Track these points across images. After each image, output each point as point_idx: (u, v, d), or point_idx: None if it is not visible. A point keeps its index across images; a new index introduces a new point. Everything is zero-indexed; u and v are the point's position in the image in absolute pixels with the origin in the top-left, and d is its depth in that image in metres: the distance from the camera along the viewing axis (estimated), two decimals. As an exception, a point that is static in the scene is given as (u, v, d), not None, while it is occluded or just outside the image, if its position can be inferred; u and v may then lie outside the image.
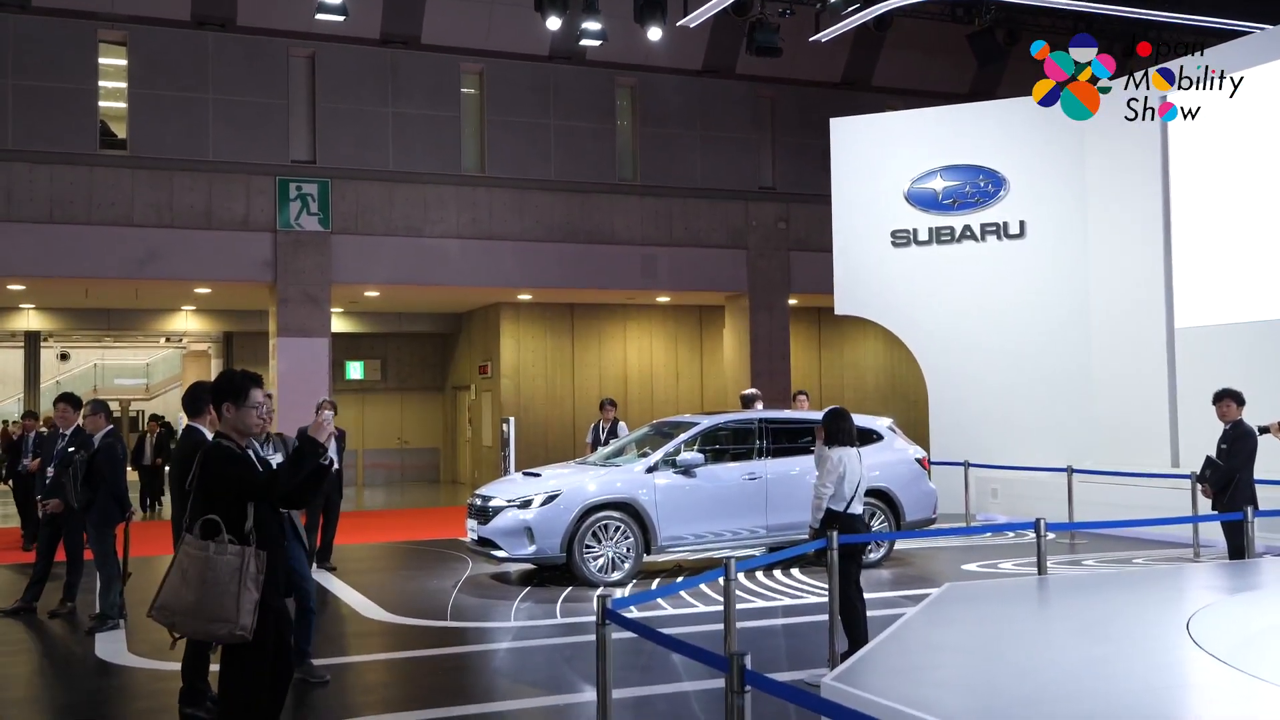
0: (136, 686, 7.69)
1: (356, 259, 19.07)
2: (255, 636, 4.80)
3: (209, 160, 18.29)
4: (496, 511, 11.15)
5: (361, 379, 25.22)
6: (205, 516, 4.86)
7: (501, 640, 8.93)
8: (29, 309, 23.19)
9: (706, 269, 21.18)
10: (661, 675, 7.46)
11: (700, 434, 11.80)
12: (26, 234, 17.37)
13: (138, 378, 36.91)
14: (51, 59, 17.58)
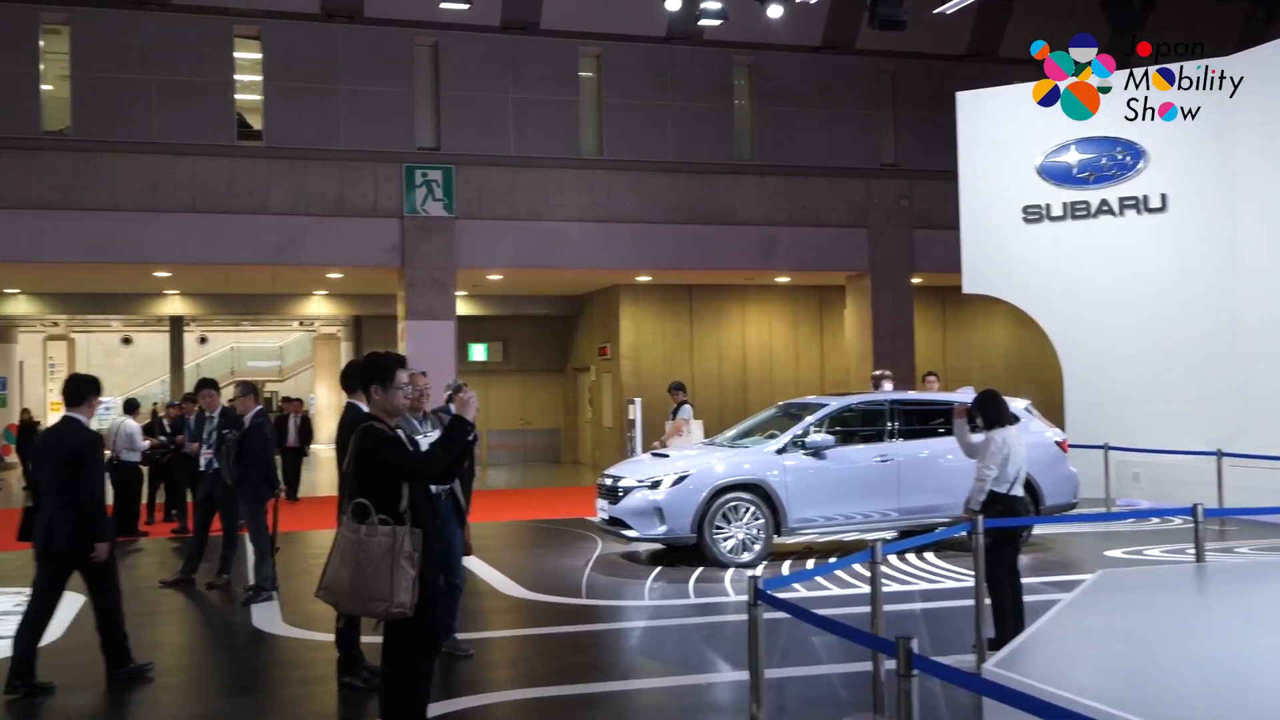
0: (292, 655, 8.00)
1: (480, 243, 19.40)
2: (415, 612, 4.95)
3: (339, 149, 18.78)
4: (626, 492, 11.28)
5: (485, 361, 25.67)
6: (356, 499, 5.01)
7: (637, 619, 9.05)
8: (173, 295, 24.17)
9: (827, 248, 21.01)
10: (799, 657, 7.48)
11: (829, 415, 11.74)
12: (171, 223, 18.09)
13: (271, 360, 38.15)
14: (190, 55, 18.23)
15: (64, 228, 17.70)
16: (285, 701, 7.00)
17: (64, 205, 17.63)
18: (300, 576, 10.80)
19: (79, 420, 7.02)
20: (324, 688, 7.06)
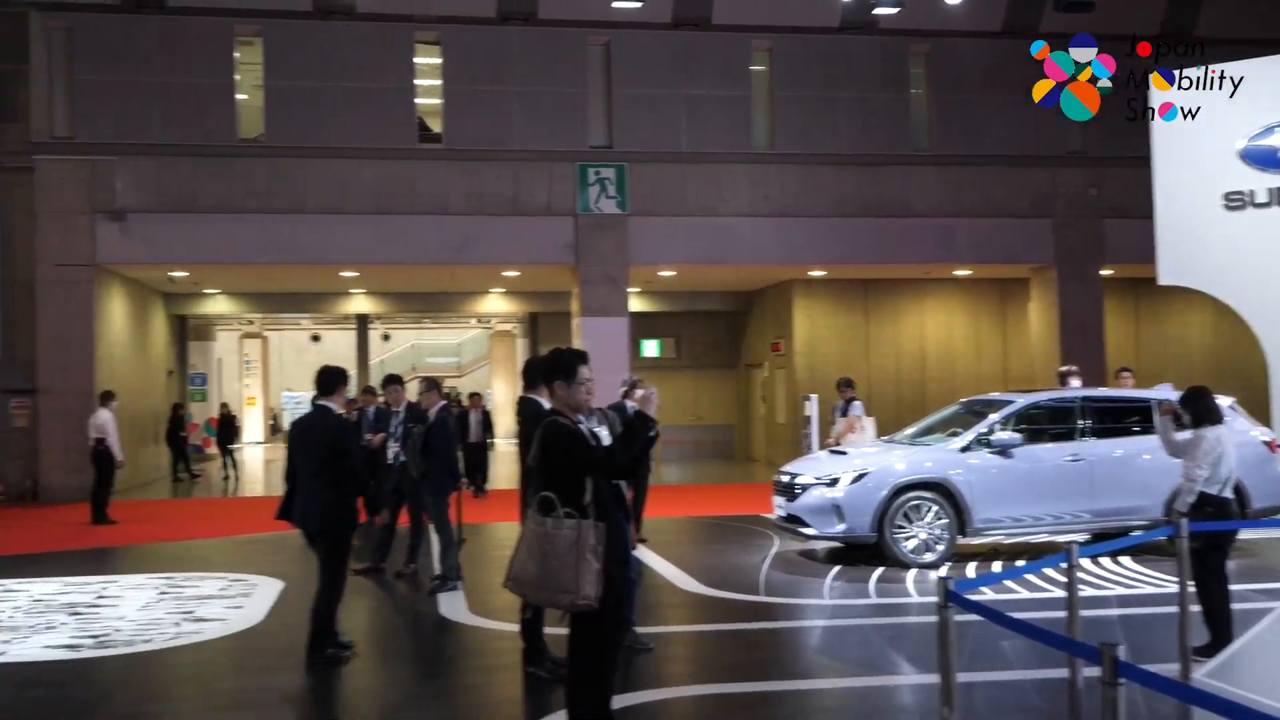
0: (478, 644, 8.16)
1: (652, 240, 19.49)
2: (600, 605, 4.97)
3: (514, 150, 19.14)
4: (804, 489, 11.12)
5: (657, 357, 25.78)
6: (542, 493, 5.06)
7: (817, 617, 8.90)
8: (359, 294, 25.08)
9: (1008, 240, 20.33)
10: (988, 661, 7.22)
11: (1016, 413, 11.33)
12: (356, 225, 18.77)
13: (449, 356, 39.24)
14: (374, 61, 18.86)
15: (257, 230, 18.57)
16: (472, 689, 7.14)
17: (257, 209, 18.50)
18: (484, 567, 11.03)
19: (330, 408, 7.44)
20: (509, 677, 7.18)
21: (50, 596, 9.70)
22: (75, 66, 18.30)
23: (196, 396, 28.02)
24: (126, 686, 7.16)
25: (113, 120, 18.23)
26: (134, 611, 9.03)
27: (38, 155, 18.14)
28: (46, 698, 6.79)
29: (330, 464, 7.22)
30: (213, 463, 25.34)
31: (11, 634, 8.22)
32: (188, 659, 7.74)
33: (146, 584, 10.31)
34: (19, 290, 18.62)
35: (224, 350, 32.38)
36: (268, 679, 7.17)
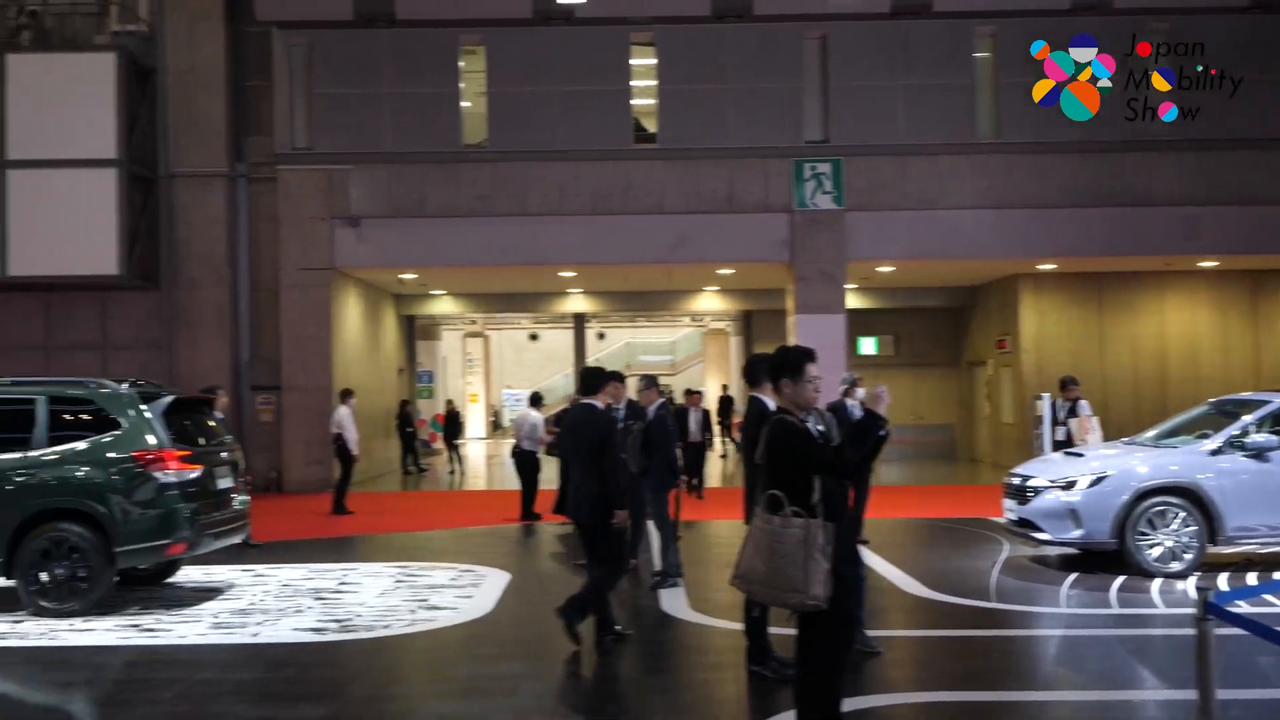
0: (700, 641, 8.14)
1: (870, 235, 19.09)
2: (829, 605, 4.86)
3: (729, 147, 19.09)
4: (1037, 492, 10.64)
5: (875, 354, 25.27)
6: (769, 491, 4.99)
7: (1053, 626, 8.49)
8: (576, 293, 25.60)
9: (1261, 229, 18.93)
10: (1245, 679, 6.70)
11: (1273, 413, 10.51)
12: (574, 226, 19.13)
13: (663, 355, 39.62)
14: (591, 65, 19.16)
15: (481, 233, 19.16)
16: (695, 685, 7.12)
17: (482, 212, 19.10)
18: (704, 564, 11.03)
19: (595, 406, 7.84)
20: (732, 675, 7.12)
21: (297, 582, 10.24)
22: (314, 81, 19.33)
23: (424, 394, 29.21)
24: (369, 670, 7.46)
25: (348, 131, 19.17)
26: (373, 598, 9.42)
27: (280, 166, 19.27)
28: (297, 678, 7.15)
29: (592, 458, 7.55)
30: (439, 457, 26.36)
31: (263, 616, 8.71)
32: (423, 645, 8.02)
33: (383, 572, 10.76)
34: (263, 294, 19.81)
35: (448, 349, 33.65)
36: (498, 667, 7.33)
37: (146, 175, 18.89)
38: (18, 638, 8.06)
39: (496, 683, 6.97)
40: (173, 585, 10.09)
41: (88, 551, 8.68)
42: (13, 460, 8.86)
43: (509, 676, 7.12)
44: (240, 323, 19.81)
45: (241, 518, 9.98)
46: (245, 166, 19.76)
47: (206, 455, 9.47)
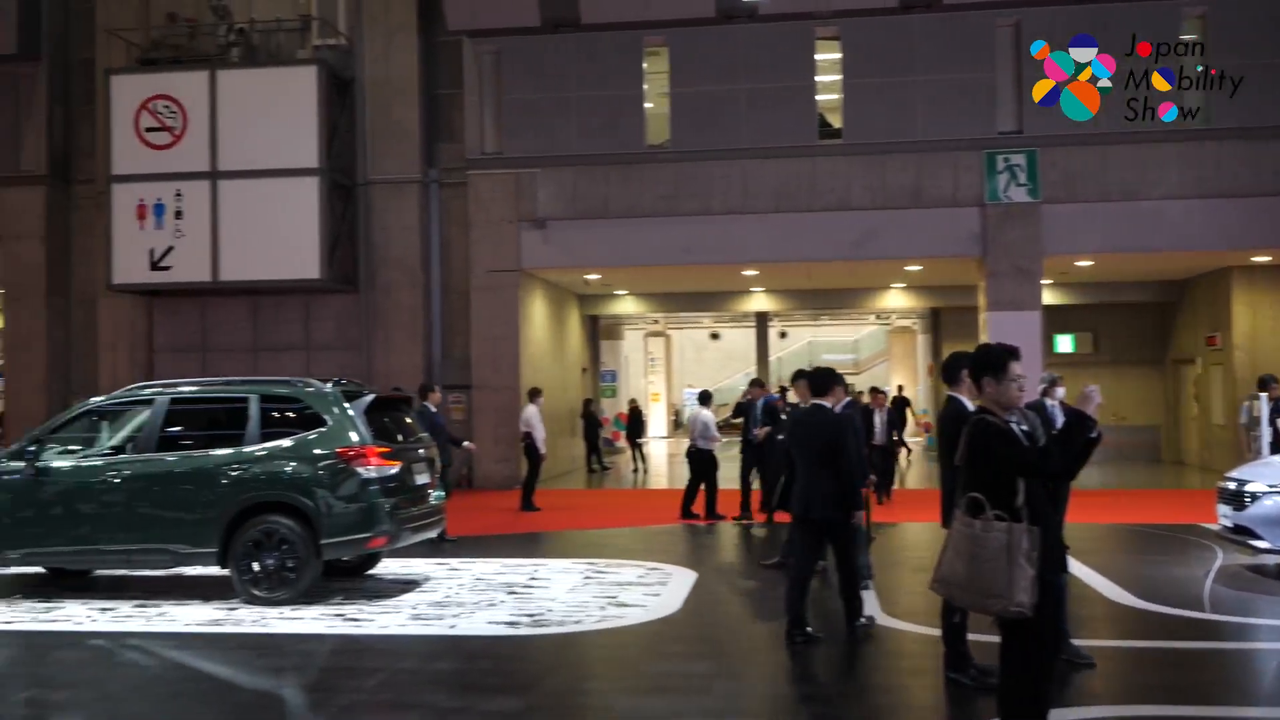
0: (893, 646, 7.93)
1: (1067, 228, 18.33)
2: (1035, 613, 4.67)
3: (917, 140, 18.63)
4: (1255, 497, 10.00)
5: (1072, 352, 24.27)
6: (970, 494, 4.84)
7: (1274, 640, 7.95)
8: (759, 292, 25.46)
9: None
10: None
11: None
12: (758, 224, 19.01)
13: (846, 354, 39.04)
14: (775, 61, 19.00)
15: (664, 233, 19.25)
16: (889, 690, 6.96)
17: (665, 212, 19.18)
18: (895, 568, 10.78)
19: (825, 406, 8.06)
20: (928, 681, 6.93)
21: (490, 576, 10.48)
22: (502, 87, 19.79)
23: (607, 393, 29.58)
24: (562, 664, 7.57)
25: (535, 135, 19.55)
26: (563, 594, 9.56)
27: (471, 171, 19.80)
28: (493, 670, 7.30)
29: (830, 456, 7.71)
30: (622, 456, 26.63)
31: (459, 609, 8.94)
32: (614, 641, 8.08)
33: (572, 569, 10.90)
34: (454, 296, 20.38)
35: (630, 348, 33.98)
36: (689, 665, 7.32)
37: (345, 183, 19.70)
38: (232, 624, 8.49)
39: (688, 681, 6.95)
40: (373, 577, 10.46)
41: (296, 543, 9.07)
42: (228, 456, 9.34)
43: (701, 675, 7.09)
44: (432, 324, 20.44)
45: (437, 513, 10.27)
46: (437, 172, 20.39)
47: (404, 452, 9.78)
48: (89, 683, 7.11)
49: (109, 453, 9.78)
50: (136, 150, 18.95)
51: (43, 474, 9.45)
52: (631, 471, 23.64)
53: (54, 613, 9.00)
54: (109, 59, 19.92)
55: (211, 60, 19.29)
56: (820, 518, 7.79)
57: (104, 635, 8.25)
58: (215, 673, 7.33)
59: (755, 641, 8.44)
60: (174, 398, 9.78)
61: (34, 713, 6.46)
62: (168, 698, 6.81)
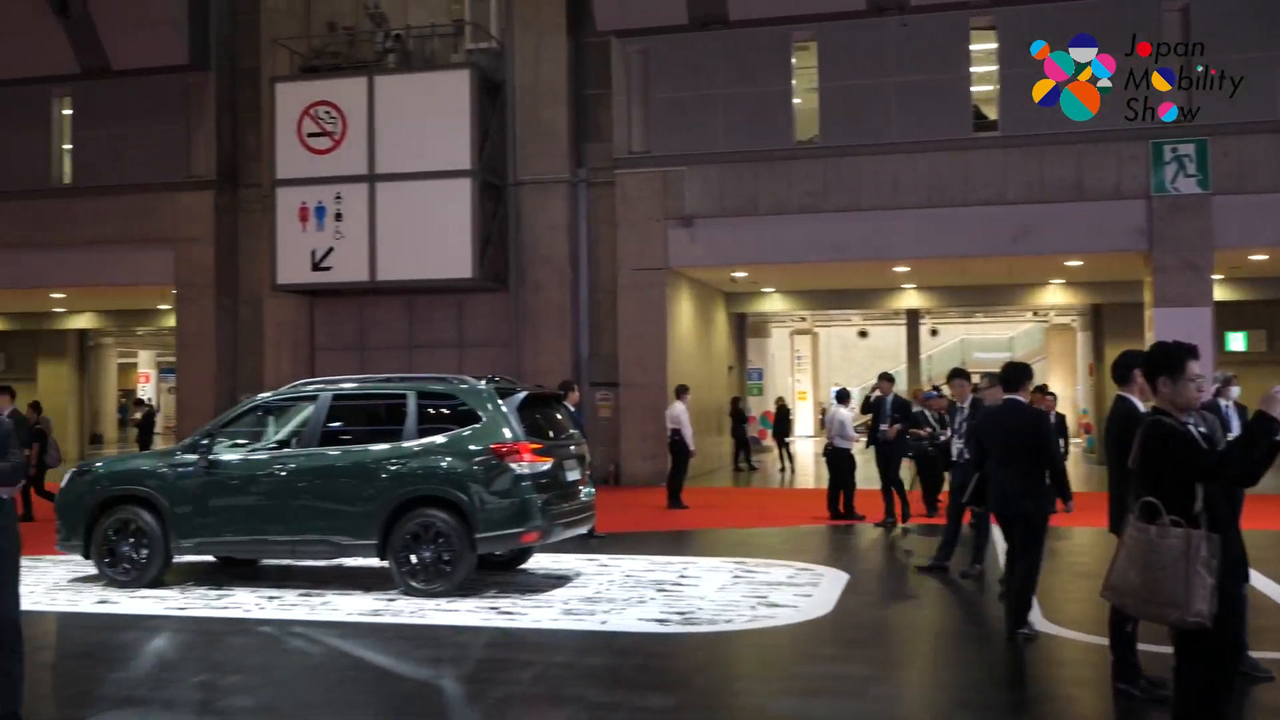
0: (1055, 654, 7.65)
1: (1241, 220, 17.52)
2: (1214, 624, 4.43)
3: (1078, 132, 17.90)
4: None
5: (1245, 350, 23.13)
6: (1144, 499, 4.63)
7: None
8: (910, 289, 24.97)
9: None
10: None
11: None
12: (909, 219, 18.65)
13: (1000, 352, 37.96)
14: (927, 54, 18.60)
15: (813, 229, 19.05)
16: (1054, 700, 6.73)
17: (813, 209, 18.98)
18: (1056, 573, 10.41)
19: (1021, 401, 8.06)
20: (1094, 692, 6.68)
21: (639, 573, 10.51)
22: (650, 85, 19.86)
23: (753, 391, 29.42)
24: (713, 663, 7.54)
25: (682, 133, 19.57)
26: (713, 592, 9.52)
27: (618, 170, 19.94)
28: (645, 666, 7.31)
29: (1025, 452, 7.74)
30: (769, 454, 26.46)
31: (610, 605, 8.99)
32: (765, 642, 8.01)
33: (721, 567, 10.86)
34: (602, 294, 20.57)
35: (777, 346, 33.73)
36: (842, 668, 7.20)
37: (496, 183, 20.07)
38: (391, 614, 8.71)
39: (841, 684, 6.84)
40: (525, 571, 10.61)
41: (451, 537, 9.25)
42: (386, 451, 9.60)
43: (854, 678, 6.97)
44: (580, 321, 20.66)
45: (588, 509, 10.35)
46: (585, 172, 20.60)
47: (556, 449, 9.88)
48: (258, 668, 7.39)
49: (275, 447, 10.15)
50: (299, 155, 19.68)
51: (214, 467, 9.87)
52: (778, 470, 23.47)
53: (224, 600, 9.39)
54: (273, 67, 20.73)
55: (369, 66, 19.90)
56: (1016, 513, 7.79)
57: (271, 622, 8.56)
58: (376, 661, 7.54)
59: (910, 645, 8.27)
60: (336, 394, 10.09)
61: (208, 696, 6.74)
62: (332, 685, 7.02)
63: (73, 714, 6.37)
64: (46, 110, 22.69)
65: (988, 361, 35.86)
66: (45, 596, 9.51)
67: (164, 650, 8.13)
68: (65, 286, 23.97)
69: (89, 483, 10.19)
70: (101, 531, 9.91)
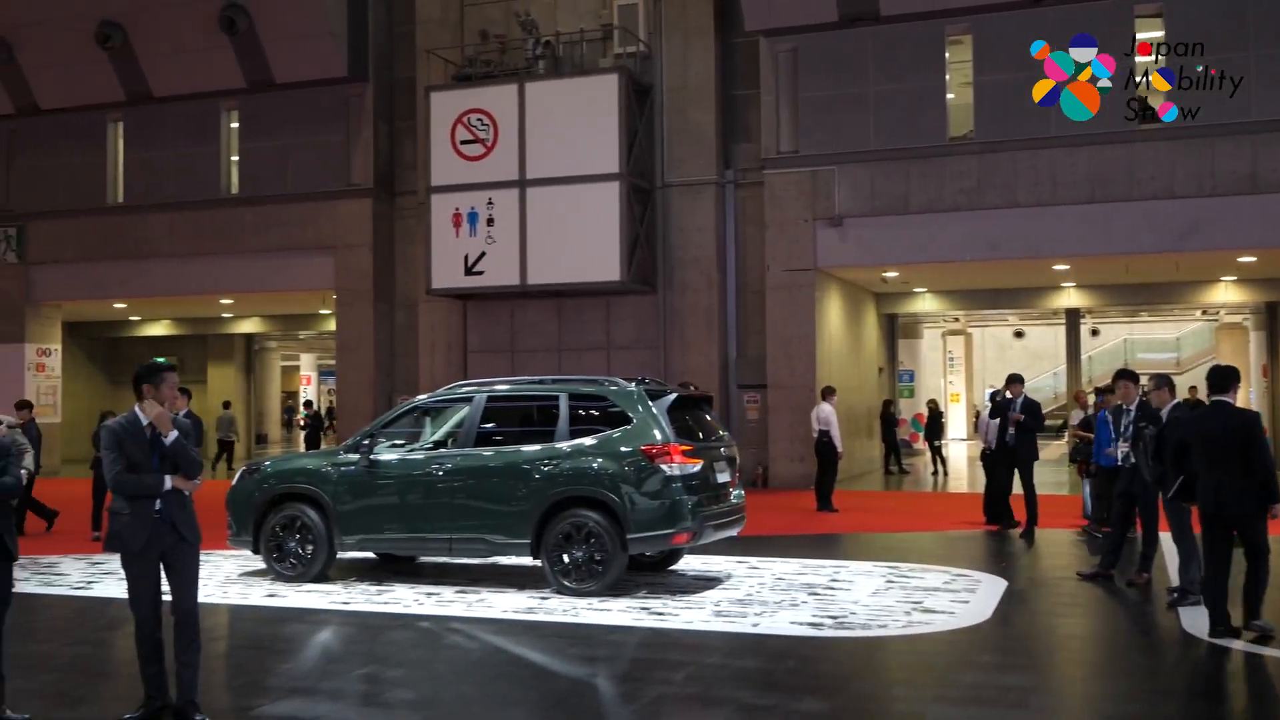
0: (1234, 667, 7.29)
1: None
2: None
3: (1252, 121, 17.10)
4: None
5: None
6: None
7: None
8: (1069, 287, 24.13)
9: None
10: None
11: None
12: (1069, 216, 18.04)
13: (1166, 352, 36.43)
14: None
15: (967, 227, 18.60)
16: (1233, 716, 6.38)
17: (967, 206, 18.52)
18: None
19: (1229, 402, 8.08)
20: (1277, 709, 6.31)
21: (790, 576, 10.41)
22: (799, 84, 19.67)
23: (904, 393, 28.87)
24: (868, 668, 7.42)
25: (831, 132, 19.32)
26: (865, 596, 9.36)
27: (767, 170, 19.81)
28: (798, 670, 7.23)
29: (1235, 454, 7.72)
30: (920, 458, 25.93)
31: (761, 608, 8.92)
32: (921, 648, 7.84)
33: (874, 571, 10.67)
34: (749, 295, 20.47)
35: (929, 347, 33.03)
36: (1002, 677, 7.01)
37: (644, 186, 20.17)
38: (545, 613, 8.83)
39: (1002, 693, 6.64)
40: (675, 573, 10.62)
41: (603, 537, 9.32)
42: (539, 451, 9.73)
43: (1015, 688, 6.76)
44: (727, 323, 20.61)
45: (739, 511, 10.30)
46: (733, 173, 20.54)
47: (706, 450, 9.86)
48: (418, 662, 7.57)
49: (431, 447, 10.40)
50: (452, 162, 20.16)
51: (375, 466, 10.16)
52: (930, 474, 22.97)
53: (385, 595, 9.66)
54: (428, 77, 21.28)
55: (520, 73, 20.25)
56: (1232, 515, 7.71)
57: (430, 618, 8.77)
58: (532, 659, 7.65)
59: (1073, 655, 8.00)
60: (490, 395, 10.29)
61: (371, 688, 6.94)
62: (490, 680, 7.14)
63: (245, 703, 6.62)
64: (216, 124, 23.76)
65: (1152, 362, 34.44)
66: (218, 590, 9.95)
67: (329, 643, 8.41)
68: (233, 292, 25.04)
69: (257, 481, 10.61)
70: (269, 528, 10.31)
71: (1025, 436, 13.62)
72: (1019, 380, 14.30)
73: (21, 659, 7.00)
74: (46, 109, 24.58)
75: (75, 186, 24.51)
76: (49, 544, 13.02)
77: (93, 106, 24.19)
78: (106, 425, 6.12)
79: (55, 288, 25.21)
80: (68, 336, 27.44)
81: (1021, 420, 13.54)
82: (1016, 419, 13.54)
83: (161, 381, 6.05)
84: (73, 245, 24.42)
